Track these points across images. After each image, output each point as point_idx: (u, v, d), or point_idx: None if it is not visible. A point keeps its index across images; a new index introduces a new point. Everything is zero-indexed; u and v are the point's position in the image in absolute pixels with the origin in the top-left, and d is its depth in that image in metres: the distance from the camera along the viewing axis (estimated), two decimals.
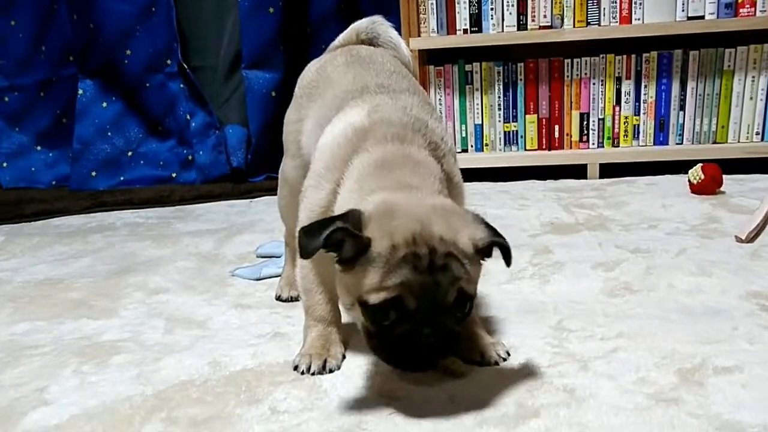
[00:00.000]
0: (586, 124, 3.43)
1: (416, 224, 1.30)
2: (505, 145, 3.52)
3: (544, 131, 3.47)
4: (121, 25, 3.68)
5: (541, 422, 1.30)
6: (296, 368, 1.55)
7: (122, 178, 3.82)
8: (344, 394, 1.45)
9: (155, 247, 2.65)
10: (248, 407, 1.43)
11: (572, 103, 3.42)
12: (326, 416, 1.37)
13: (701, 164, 2.90)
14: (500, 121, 3.49)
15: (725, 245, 2.24)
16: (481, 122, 3.51)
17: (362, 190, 1.42)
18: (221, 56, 3.77)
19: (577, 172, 3.35)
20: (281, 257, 2.19)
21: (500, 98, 3.47)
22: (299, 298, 1.68)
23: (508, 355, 1.55)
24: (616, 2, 3.27)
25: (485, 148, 3.53)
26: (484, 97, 3.49)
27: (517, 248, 2.26)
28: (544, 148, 3.49)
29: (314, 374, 1.53)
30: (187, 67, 3.71)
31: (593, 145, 3.45)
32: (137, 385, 1.55)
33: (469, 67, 3.47)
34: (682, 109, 3.34)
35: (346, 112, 1.60)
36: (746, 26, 3.19)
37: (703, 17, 3.22)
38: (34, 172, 3.99)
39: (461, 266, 1.31)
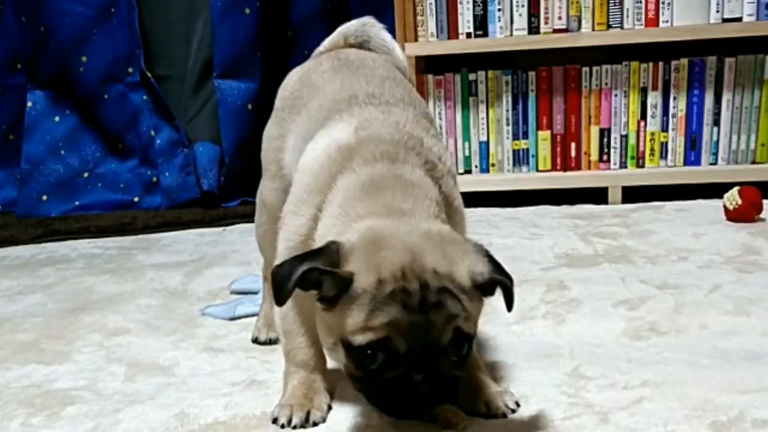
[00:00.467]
0: (606, 141, 3.45)
1: (406, 255, 1.31)
2: (514, 165, 3.54)
3: (558, 149, 3.49)
4: (75, 28, 3.70)
5: None
6: (275, 421, 1.54)
7: (77, 203, 3.82)
8: None
9: (115, 282, 2.65)
10: None
11: (591, 117, 3.44)
12: None
13: (738, 187, 2.92)
14: (508, 138, 3.52)
15: (765, 280, 2.25)
16: (486, 139, 3.53)
17: (347, 216, 1.43)
18: (190, 64, 3.79)
19: (596, 196, 3.37)
20: (258, 294, 2.19)
21: (508, 112, 3.49)
22: (278, 340, 1.68)
23: (517, 405, 1.55)
24: (641, 2, 3.30)
25: (491, 168, 3.55)
26: (490, 110, 3.50)
27: (528, 283, 2.30)
28: (558, 168, 3.51)
29: (296, 428, 1.52)
30: (151, 76, 3.73)
31: (615, 165, 3.47)
32: None
33: (473, 76, 3.50)
34: (716, 124, 3.37)
35: (330, 127, 1.61)
36: None
37: (740, 19, 3.24)
38: None
39: (458, 302, 1.31)
